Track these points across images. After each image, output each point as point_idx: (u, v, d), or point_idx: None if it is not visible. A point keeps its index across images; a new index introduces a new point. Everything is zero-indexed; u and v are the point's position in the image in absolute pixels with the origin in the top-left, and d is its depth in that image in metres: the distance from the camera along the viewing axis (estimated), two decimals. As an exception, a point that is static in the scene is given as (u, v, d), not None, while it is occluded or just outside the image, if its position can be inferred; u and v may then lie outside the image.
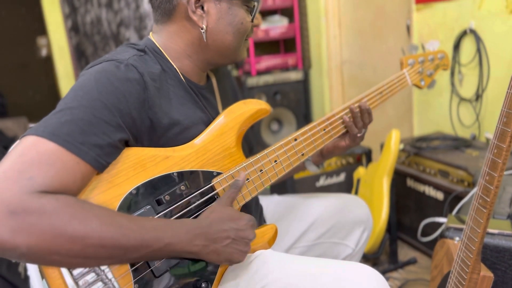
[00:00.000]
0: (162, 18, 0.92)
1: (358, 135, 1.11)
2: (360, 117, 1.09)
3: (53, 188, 0.67)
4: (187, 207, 0.85)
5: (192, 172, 0.86)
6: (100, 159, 0.73)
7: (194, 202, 0.86)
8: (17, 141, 0.72)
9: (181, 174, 0.84)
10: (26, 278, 1.47)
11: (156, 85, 0.84)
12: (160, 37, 0.93)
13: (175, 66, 0.92)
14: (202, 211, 0.85)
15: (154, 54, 0.90)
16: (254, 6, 0.94)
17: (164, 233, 0.74)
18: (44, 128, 0.70)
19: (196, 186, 0.87)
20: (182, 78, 0.92)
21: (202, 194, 0.87)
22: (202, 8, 0.89)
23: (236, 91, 1.18)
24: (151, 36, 0.95)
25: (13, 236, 0.62)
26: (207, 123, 0.92)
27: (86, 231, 0.66)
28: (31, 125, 0.75)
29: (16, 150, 0.68)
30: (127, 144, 0.80)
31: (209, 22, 0.90)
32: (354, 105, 1.09)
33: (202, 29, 0.90)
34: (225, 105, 0.98)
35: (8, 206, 0.62)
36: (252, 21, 0.95)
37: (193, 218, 0.85)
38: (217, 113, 0.98)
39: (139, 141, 0.82)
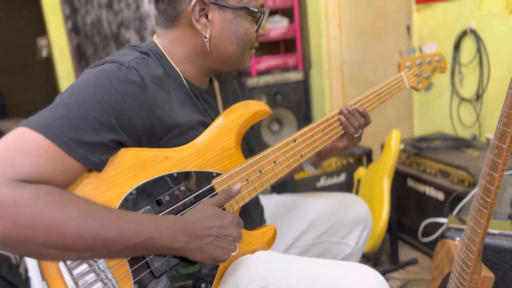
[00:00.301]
0: (167, 23, 0.92)
1: (355, 135, 1.11)
2: (353, 117, 1.09)
3: (34, 178, 0.67)
4: (187, 208, 0.85)
5: (192, 173, 0.86)
6: (90, 156, 0.73)
7: (194, 203, 0.86)
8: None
9: (181, 175, 0.84)
10: (27, 279, 1.47)
11: (157, 88, 0.84)
12: (163, 41, 0.93)
13: (177, 70, 0.91)
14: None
15: (157, 57, 0.90)
16: (260, 16, 0.93)
17: (145, 226, 0.74)
18: (37, 121, 0.70)
19: (196, 186, 0.87)
20: (184, 81, 0.92)
21: (202, 195, 0.87)
22: (207, 16, 0.89)
23: (238, 95, 1.18)
24: (155, 39, 0.95)
25: None
26: (207, 127, 0.92)
27: (64, 220, 0.66)
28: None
29: (5, 138, 0.68)
30: (122, 145, 0.80)
31: (213, 31, 0.90)
32: (344, 108, 1.09)
33: (205, 38, 0.90)
34: (227, 109, 0.98)
35: None
36: (257, 31, 0.95)
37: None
38: (218, 117, 0.98)
39: (138, 142, 0.82)
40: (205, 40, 0.90)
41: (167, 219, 0.78)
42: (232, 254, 0.85)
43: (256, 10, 0.91)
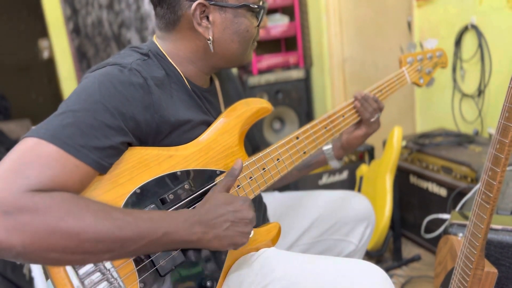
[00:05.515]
0: (166, 27, 0.92)
1: (371, 120, 1.11)
2: (367, 102, 1.10)
3: (49, 187, 0.67)
4: (191, 206, 0.85)
5: (195, 171, 0.86)
6: (101, 161, 0.73)
7: (198, 201, 0.86)
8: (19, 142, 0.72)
9: (184, 173, 0.85)
10: (31, 280, 1.48)
11: (160, 89, 0.84)
12: (164, 42, 0.93)
13: (179, 70, 0.92)
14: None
15: (157, 58, 0.90)
16: (260, 11, 0.93)
17: (160, 223, 0.74)
18: (45, 130, 0.70)
19: (199, 184, 0.87)
20: (186, 82, 0.92)
21: (206, 193, 0.87)
22: (207, 18, 0.88)
23: (240, 93, 1.18)
24: (155, 39, 0.94)
25: (8, 235, 0.62)
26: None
27: (81, 226, 0.66)
28: (34, 127, 0.75)
29: (16, 151, 0.68)
30: (130, 146, 0.80)
31: (215, 32, 0.89)
32: (358, 93, 1.10)
33: (208, 40, 0.89)
34: (229, 107, 0.98)
35: (1, 206, 0.62)
36: (258, 25, 0.94)
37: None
38: (220, 116, 0.98)
39: (143, 143, 0.82)
40: (208, 42, 0.90)
41: (181, 213, 0.78)
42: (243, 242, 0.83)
43: (256, 6, 0.90)
